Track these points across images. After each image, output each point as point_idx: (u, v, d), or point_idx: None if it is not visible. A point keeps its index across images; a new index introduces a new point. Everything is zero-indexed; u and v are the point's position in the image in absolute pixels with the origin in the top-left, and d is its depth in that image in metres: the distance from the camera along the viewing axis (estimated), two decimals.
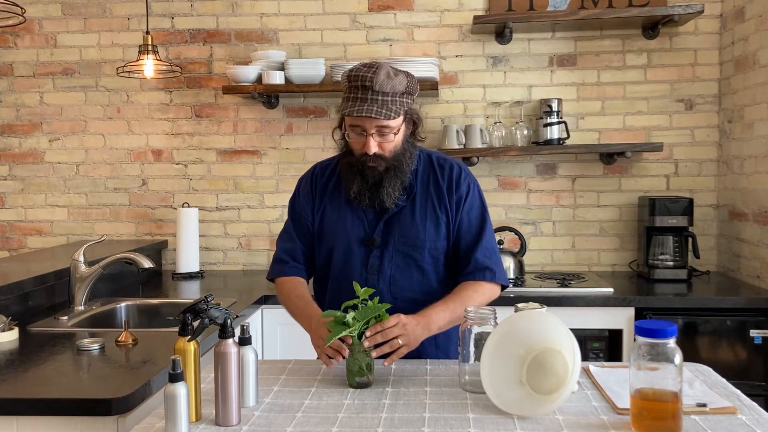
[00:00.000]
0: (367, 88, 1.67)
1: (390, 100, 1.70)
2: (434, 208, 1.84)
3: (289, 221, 1.97)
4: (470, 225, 1.85)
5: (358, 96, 1.69)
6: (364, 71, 1.69)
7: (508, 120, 3.39)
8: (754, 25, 2.96)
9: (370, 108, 1.67)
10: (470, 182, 1.88)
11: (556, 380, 1.38)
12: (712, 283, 3.11)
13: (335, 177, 1.90)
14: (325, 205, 1.89)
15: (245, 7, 3.49)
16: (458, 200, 1.85)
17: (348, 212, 1.85)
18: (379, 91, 1.68)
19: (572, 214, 3.42)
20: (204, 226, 3.52)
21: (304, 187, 1.95)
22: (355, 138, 1.76)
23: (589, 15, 3.12)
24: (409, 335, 1.62)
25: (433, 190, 1.85)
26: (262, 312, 2.84)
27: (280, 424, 1.36)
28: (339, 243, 1.85)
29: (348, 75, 1.72)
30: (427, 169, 1.87)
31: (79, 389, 1.65)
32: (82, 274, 2.51)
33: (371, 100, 1.68)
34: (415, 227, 1.82)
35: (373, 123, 1.71)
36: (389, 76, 1.69)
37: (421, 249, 1.83)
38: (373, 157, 1.74)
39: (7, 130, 3.61)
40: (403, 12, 3.43)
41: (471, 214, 1.86)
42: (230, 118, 3.53)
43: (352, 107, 1.68)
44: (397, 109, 1.71)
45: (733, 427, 1.31)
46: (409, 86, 1.74)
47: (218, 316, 1.41)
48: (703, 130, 3.34)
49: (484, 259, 1.82)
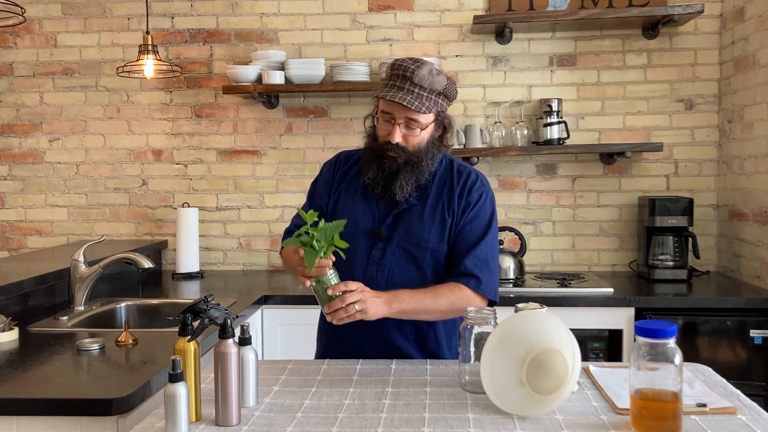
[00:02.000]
0: (407, 78, 1.72)
1: (426, 96, 1.73)
2: (443, 211, 1.84)
3: (306, 203, 2.00)
4: (470, 233, 1.83)
5: (397, 84, 1.73)
6: (408, 63, 1.74)
7: (508, 120, 3.39)
8: (754, 25, 2.96)
9: (404, 97, 1.70)
10: (483, 192, 1.86)
11: (556, 380, 1.38)
12: (712, 283, 3.11)
13: (356, 168, 1.92)
14: (341, 192, 1.91)
15: (245, 7, 3.49)
16: (465, 206, 1.84)
17: (361, 202, 1.87)
18: (417, 84, 1.71)
19: (572, 214, 3.42)
20: (204, 226, 3.52)
21: (326, 172, 1.98)
22: (383, 124, 1.79)
23: (589, 15, 3.12)
24: (367, 303, 1.63)
25: (446, 194, 1.85)
26: (262, 312, 2.84)
27: (280, 424, 1.36)
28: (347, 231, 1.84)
29: (392, 63, 1.77)
30: (446, 173, 1.88)
31: (79, 389, 1.66)
32: (82, 274, 2.51)
33: (408, 90, 1.71)
34: (421, 227, 1.83)
35: (403, 113, 1.74)
36: (431, 73, 1.73)
37: (423, 249, 1.83)
38: (395, 146, 1.76)
39: (7, 130, 3.61)
40: (403, 12, 3.43)
41: (474, 223, 1.84)
42: (230, 118, 3.53)
43: (388, 92, 1.73)
44: (430, 105, 1.74)
45: (733, 427, 1.31)
46: (447, 89, 1.77)
47: (218, 316, 1.41)
48: (703, 130, 3.34)
49: (473, 267, 1.79)
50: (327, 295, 1.61)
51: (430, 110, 1.74)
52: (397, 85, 1.73)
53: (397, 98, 1.70)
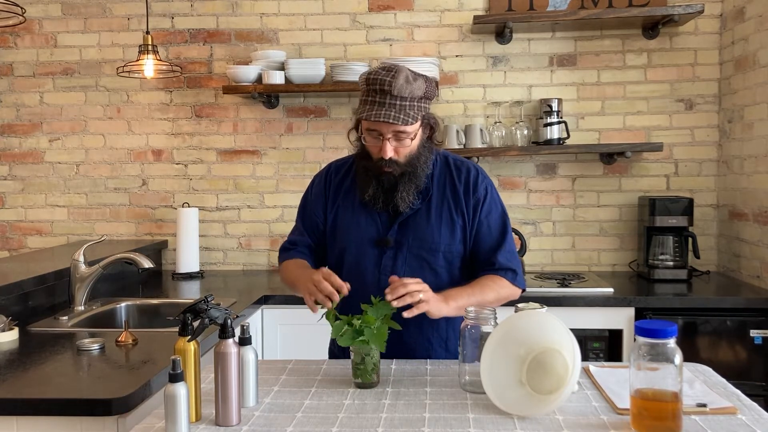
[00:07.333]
0: (386, 92, 1.66)
1: (408, 105, 1.69)
2: (450, 211, 1.83)
3: (298, 219, 1.98)
4: (490, 229, 1.84)
5: (377, 100, 1.68)
6: (383, 75, 1.68)
7: (508, 120, 3.39)
8: (754, 25, 2.96)
9: (388, 113, 1.66)
10: (487, 185, 1.87)
11: (556, 380, 1.38)
12: (712, 283, 3.11)
13: (350, 177, 1.89)
14: (338, 206, 1.88)
15: (245, 7, 3.49)
16: (476, 204, 1.84)
17: (362, 213, 1.85)
18: (397, 96, 1.67)
19: (572, 214, 3.42)
20: (204, 226, 3.52)
21: (317, 185, 1.95)
22: (372, 142, 1.75)
23: (589, 15, 3.12)
24: (429, 294, 1.62)
25: (449, 193, 1.84)
26: (262, 312, 2.84)
27: (280, 424, 1.36)
28: (352, 243, 1.84)
29: (366, 78, 1.70)
30: (444, 171, 1.86)
31: (79, 389, 1.65)
32: (82, 274, 2.51)
33: (389, 105, 1.67)
34: (430, 230, 1.81)
35: (390, 128, 1.70)
36: (408, 80, 1.68)
37: (435, 252, 1.82)
38: (389, 161, 1.73)
39: (7, 130, 3.61)
40: (403, 12, 3.43)
41: (490, 218, 1.85)
42: (230, 118, 3.53)
43: (370, 111, 1.68)
44: (415, 114, 1.70)
45: (733, 427, 1.31)
46: (427, 91, 1.73)
47: (218, 316, 1.41)
48: (703, 130, 3.34)
49: (506, 261, 1.83)
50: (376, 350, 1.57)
51: (416, 119, 1.71)
52: (377, 101, 1.68)
53: (382, 117, 1.66)
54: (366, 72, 1.74)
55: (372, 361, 1.56)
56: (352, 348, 1.57)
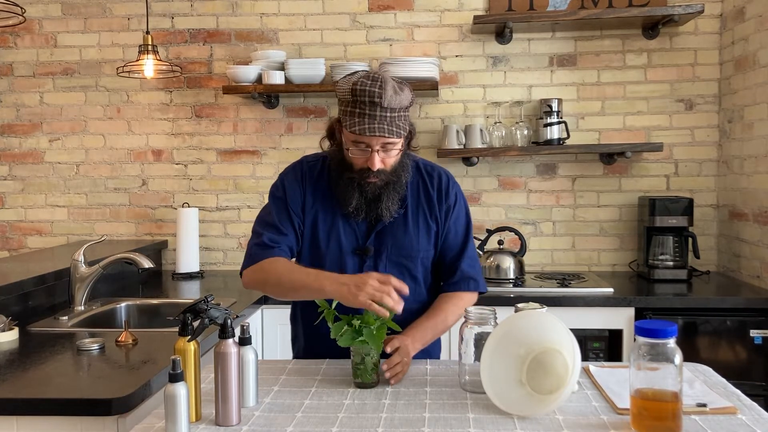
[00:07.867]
0: (376, 104, 1.62)
1: (397, 116, 1.66)
2: (426, 217, 1.84)
3: (274, 215, 1.82)
4: (456, 234, 1.87)
5: (366, 112, 1.64)
6: (370, 85, 1.63)
7: (508, 120, 3.39)
8: (754, 25, 2.96)
9: (381, 126, 1.64)
10: (457, 191, 1.89)
11: (556, 380, 1.38)
12: (712, 283, 3.11)
13: (324, 180, 1.84)
14: (317, 210, 1.83)
15: (245, 7, 3.49)
16: (447, 210, 1.85)
17: (340, 221, 1.81)
18: (387, 108, 1.63)
19: (572, 214, 3.42)
20: (204, 226, 3.52)
21: (292, 183, 1.84)
22: (359, 153, 1.70)
23: (589, 15, 3.12)
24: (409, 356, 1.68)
25: (424, 199, 1.84)
26: (262, 312, 2.84)
27: (280, 424, 1.36)
28: (331, 252, 1.81)
29: (352, 88, 1.64)
30: (416, 177, 1.86)
31: (79, 389, 1.66)
32: (82, 274, 2.51)
33: (381, 117, 1.64)
34: (409, 237, 1.82)
35: (380, 140, 1.67)
36: (396, 91, 1.65)
37: (414, 258, 1.83)
38: (376, 172, 1.71)
39: (7, 130, 3.61)
40: (403, 12, 3.43)
41: (457, 224, 1.88)
42: (230, 118, 3.53)
43: (361, 125, 1.64)
44: (404, 124, 1.69)
45: (733, 427, 1.31)
46: (411, 99, 1.71)
47: (218, 316, 1.41)
48: (703, 130, 3.34)
49: (469, 269, 1.86)
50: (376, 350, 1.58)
51: (405, 130, 1.70)
52: (367, 114, 1.63)
53: (376, 131, 1.63)
54: (348, 80, 1.68)
55: (372, 361, 1.56)
56: (352, 348, 1.57)
